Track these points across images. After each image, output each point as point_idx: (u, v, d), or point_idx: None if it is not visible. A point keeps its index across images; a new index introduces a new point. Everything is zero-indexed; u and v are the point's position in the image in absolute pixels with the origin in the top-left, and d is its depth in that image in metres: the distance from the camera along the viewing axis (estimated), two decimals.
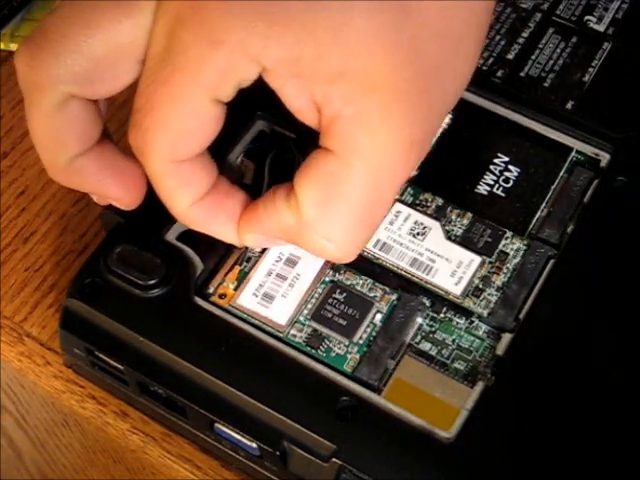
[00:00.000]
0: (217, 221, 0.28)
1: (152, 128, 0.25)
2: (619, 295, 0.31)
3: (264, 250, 0.32)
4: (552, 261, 0.32)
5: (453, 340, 0.31)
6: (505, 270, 0.32)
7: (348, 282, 0.32)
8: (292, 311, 0.31)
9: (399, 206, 0.33)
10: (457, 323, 0.31)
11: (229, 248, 0.32)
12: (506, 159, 0.35)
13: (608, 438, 0.28)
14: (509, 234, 0.33)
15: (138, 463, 0.35)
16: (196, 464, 0.32)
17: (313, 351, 0.30)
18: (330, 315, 0.31)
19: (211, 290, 0.31)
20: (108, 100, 0.29)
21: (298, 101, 0.25)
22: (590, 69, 0.36)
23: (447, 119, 0.36)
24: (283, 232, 0.27)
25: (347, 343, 0.30)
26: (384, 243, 0.32)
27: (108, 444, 0.36)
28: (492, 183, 0.34)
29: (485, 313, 0.31)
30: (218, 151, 0.33)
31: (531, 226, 0.33)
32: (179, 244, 0.32)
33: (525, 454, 0.28)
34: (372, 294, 0.31)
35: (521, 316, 0.31)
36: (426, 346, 0.31)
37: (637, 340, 0.30)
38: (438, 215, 0.33)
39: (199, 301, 0.31)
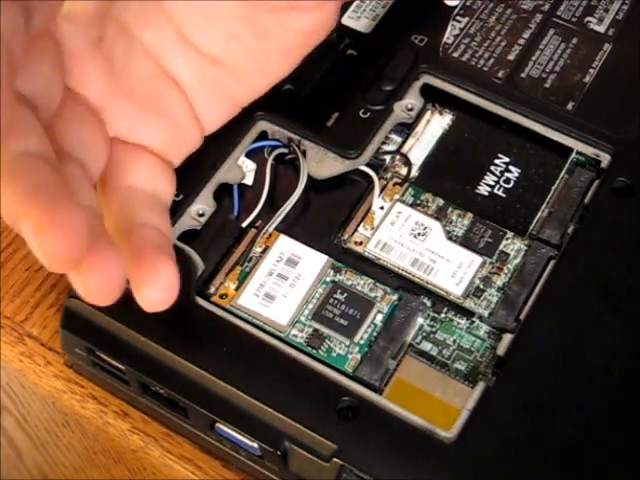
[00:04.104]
0: None
1: None
2: (620, 295, 0.31)
3: (265, 250, 0.32)
4: (553, 262, 0.32)
5: (454, 340, 0.31)
6: (506, 270, 0.32)
7: (349, 282, 0.32)
8: (293, 311, 0.31)
9: (400, 206, 0.33)
10: (458, 323, 0.31)
11: (230, 248, 0.32)
12: (507, 160, 0.35)
13: (609, 438, 0.28)
14: (510, 235, 0.33)
15: (139, 463, 0.35)
16: (197, 464, 0.32)
17: (314, 351, 0.30)
18: (331, 315, 0.31)
19: (212, 290, 0.32)
20: None
21: None
22: (591, 70, 0.36)
23: (448, 119, 0.36)
24: None
25: (348, 343, 0.30)
26: (385, 243, 0.32)
27: (109, 444, 0.36)
28: (493, 184, 0.34)
29: (486, 313, 0.31)
30: (219, 151, 0.34)
31: (532, 227, 0.33)
32: (180, 244, 0.32)
33: (525, 454, 0.28)
34: (373, 294, 0.31)
35: (522, 316, 0.31)
36: (427, 346, 0.31)
37: (638, 340, 0.30)
38: (439, 215, 0.33)
39: (200, 301, 0.31)
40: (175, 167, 0.31)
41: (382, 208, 0.33)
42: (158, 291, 0.27)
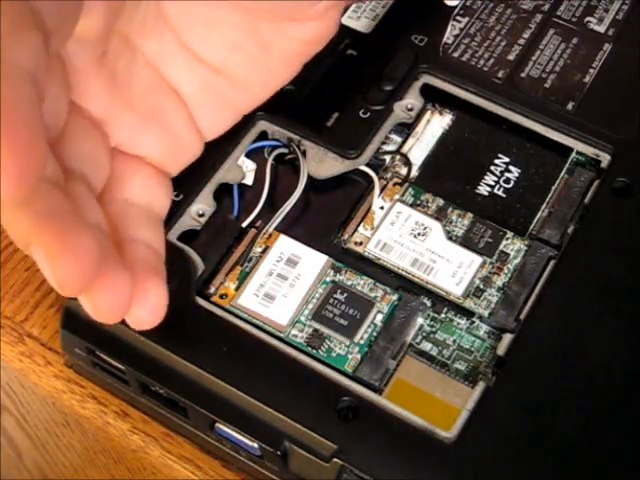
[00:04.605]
0: None
1: None
2: (620, 295, 0.31)
3: (265, 250, 0.32)
4: (553, 262, 0.32)
5: (454, 340, 0.31)
6: (506, 270, 0.32)
7: (349, 282, 0.32)
8: (293, 311, 0.31)
9: (400, 206, 0.33)
10: (458, 323, 0.31)
11: (230, 248, 0.32)
12: (507, 160, 0.35)
13: (609, 438, 0.28)
14: (510, 234, 0.33)
15: (139, 463, 0.35)
16: (197, 464, 0.32)
17: (314, 351, 0.30)
18: (331, 315, 0.31)
19: (212, 290, 0.32)
20: None
21: None
22: (591, 70, 0.36)
23: (448, 119, 0.36)
24: None
25: (348, 343, 0.30)
26: (385, 243, 0.32)
27: (109, 444, 0.36)
28: (493, 184, 0.34)
29: (486, 313, 0.31)
30: (219, 151, 0.34)
31: (532, 227, 0.33)
32: (180, 244, 0.32)
33: (525, 454, 0.28)
34: (373, 294, 0.31)
35: (522, 316, 0.31)
36: (427, 346, 0.31)
37: (638, 340, 0.30)
38: (439, 215, 0.33)
39: (200, 301, 0.31)
40: (173, 177, 0.31)
41: (382, 208, 0.33)
42: (146, 311, 0.27)
